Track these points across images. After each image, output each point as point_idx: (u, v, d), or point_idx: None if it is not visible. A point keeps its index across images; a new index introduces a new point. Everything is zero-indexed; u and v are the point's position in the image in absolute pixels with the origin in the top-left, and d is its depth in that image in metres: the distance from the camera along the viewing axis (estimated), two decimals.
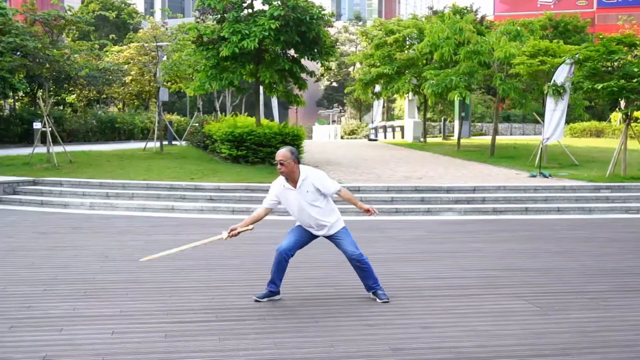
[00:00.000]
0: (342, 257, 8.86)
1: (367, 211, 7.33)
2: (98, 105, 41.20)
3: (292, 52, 21.30)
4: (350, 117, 70.82)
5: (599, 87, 17.68)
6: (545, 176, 18.32)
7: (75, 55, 24.55)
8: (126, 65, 36.50)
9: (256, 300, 7.27)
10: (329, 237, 7.38)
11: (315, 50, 20.75)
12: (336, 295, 7.64)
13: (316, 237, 7.40)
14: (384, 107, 47.96)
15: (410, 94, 35.17)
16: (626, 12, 52.15)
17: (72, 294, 7.58)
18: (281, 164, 7.11)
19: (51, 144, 19.99)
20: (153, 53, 30.22)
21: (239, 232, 7.30)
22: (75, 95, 38.59)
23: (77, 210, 14.94)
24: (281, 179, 7.26)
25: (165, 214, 14.43)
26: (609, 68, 18.66)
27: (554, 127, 20.79)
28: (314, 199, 7.16)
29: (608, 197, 16.06)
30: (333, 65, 61.25)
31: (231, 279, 8.39)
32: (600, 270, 9.15)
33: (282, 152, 7.18)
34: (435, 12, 48.10)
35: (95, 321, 6.54)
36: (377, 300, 7.37)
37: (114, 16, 28.07)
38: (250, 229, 7.42)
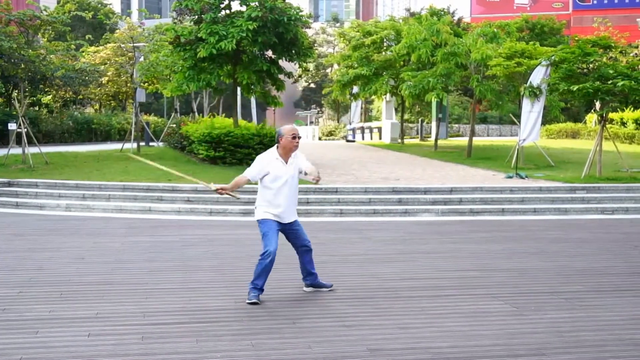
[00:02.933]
0: (319, 258, 8.88)
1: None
2: (74, 106, 40.89)
3: (269, 53, 21.29)
4: (328, 118, 70.88)
5: (575, 89, 17.82)
6: (521, 177, 18.44)
7: (51, 56, 24.32)
8: (103, 66, 36.26)
9: (254, 303, 7.23)
10: (289, 227, 7.53)
11: (293, 51, 20.76)
12: (313, 297, 7.65)
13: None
14: (361, 108, 48.04)
15: (388, 95, 35.29)
16: (601, 14, 52.60)
17: (48, 296, 7.52)
18: (299, 137, 7.45)
19: (26, 145, 19.81)
20: (130, 54, 30.06)
21: (226, 192, 7.51)
22: (51, 96, 38.28)
23: (53, 212, 14.82)
24: (274, 152, 7.43)
25: (143, 216, 14.36)
26: (585, 70, 18.81)
27: (530, 128, 20.94)
28: (296, 178, 7.53)
29: (583, 198, 16.20)
30: (311, 66, 61.24)
31: (208, 281, 8.37)
32: (576, 270, 9.23)
33: (297, 128, 7.59)
34: (412, 14, 48.32)
35: (71, 323, 6.50)
36: (324, 289, 7.77)
37: (90, 16, 27.88)
38: (237, 198, 7.90)
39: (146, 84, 28.89)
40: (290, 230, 7.56)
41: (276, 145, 7.46)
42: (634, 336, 6.28)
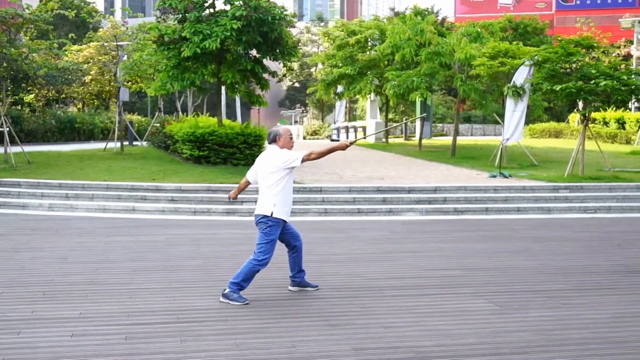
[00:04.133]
0: (304, 257, 8.88)
1: None
2: (57, 105, 40.61)
3: (254, 52, 21.23)
4: (313, 117, 70.82)
5: (558, 89, 17.90)
6: (505, 176, 18.52)
7: (34, 54, 24.15)
8: (86, 65, 36.02)
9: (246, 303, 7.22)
10: (286, 227, 7.53)
11: (278, 50, 20.71)
12: (298, 296, 7.65)
13: None
14: (346, 107, 48.04)
15: (372, 94, 35.31)
16: (584, 14, 52.90)
17: (31, 296, 7.48)
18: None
19: (9, 144, 19.67)
20: (113, 52, 29.84)
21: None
22: (33, 94, 37.99)
23: (36, 212, 14.72)
24: (277, 149, 7.53)
25: (126, 215, 14.30)
26: (568, 70, 18.90)
27: (514, 127, 21.02)
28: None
29: (566, 197, 16.29)
30: (295, 65, 61.20)
31: (191, 280, 8.34)
32: (559, 269, 9.29)
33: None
34: (396, 14, 48.40)
35: (54, 324, 6.46)
36: (309, 288, 7.84)
37: (73, 15, 27.61)
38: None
39: (130, 83, 28.71)
40: (285, 230, 7.54)
41: (273, 145, 7.52)
42: (617, 334, 6.32)
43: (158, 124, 28.80)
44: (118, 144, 24.54)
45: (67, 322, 6.53)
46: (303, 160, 7.29)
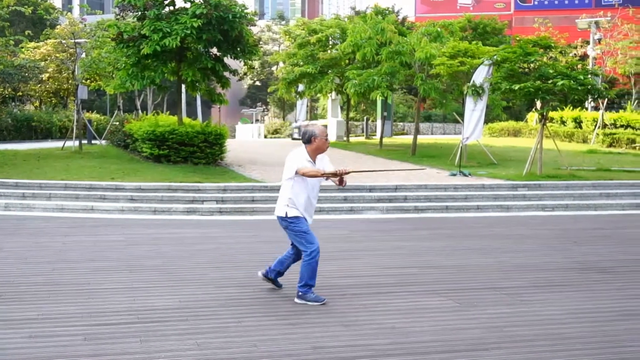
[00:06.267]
0: (266, 256, 8.92)
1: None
2: (13, 103, 40.00)
3: (214, 50, 21.14)
4: (274, 116, 70.75)
5: (516, 88, 18.13)
6: (465, 175, 18.71)
7: None
8: (43, 62, 35.56)
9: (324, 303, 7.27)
10: None
11: (238, 48, 20.65)
12: (259, 295, 7.66)
13: None
14: (307, 106, 48.07)
15: (334, 93, 35.36)
16: (542, 15, 53.51)
17: None
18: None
19: None
20: (71, 50, 29.53)
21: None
22: None
23: None
24: (304, 152, 7.33)
25: (85, 215, 14.15)
26: (526, 69, 19.15)
27: (473, 126, 21.22)
28: (320, 180, 7.47)
29: (525, 195, 16.52)
30: (256, 64, 61.10)
31: (152, 280, 8.30)
32: (517, 266, 9.43)
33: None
34: (357, 13, 48.57)
35: (12, 325, 6.39)
36: (275, 287, 7.93)
37: (30, 12, 27.19)
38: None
39: (88, 80, 28.39)
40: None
41: (304, 146, 7.36)
42: (570, 330, 6.45)
43: (117, 123, 28.50)
44: (76, 143, 24.25)
45: (25, 323, 6.45)
46: (296, 173, 7.23)
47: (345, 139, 35.12)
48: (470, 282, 8.39)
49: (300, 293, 7.28)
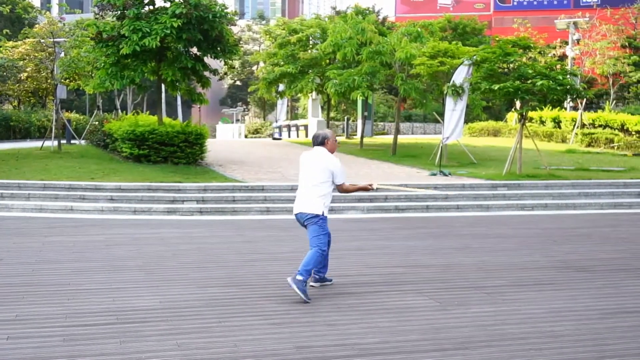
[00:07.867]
0: (248, 256, 8.88)
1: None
2: None
3: (194, 50, 21.05)
4: (254, 116, 70.67)
5: (496, 88, 18.21)
6: (445, 175, 18.76)
7: None
8: (21, 62, 35.24)
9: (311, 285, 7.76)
10: None
11: (218, 48, 20.58)
12: (241, 295, 7.62)
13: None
14: (288, 106, 48.06)
15: (314, 93, 35.38)
16: (521, 15, 53.87)
17: None
18: None
19: None
20: (50, 49, 29.26)
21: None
22: None
23: None
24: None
25: (64, 215, 14.02)
26: (505, 69, 19.25)
27: (454, 126, 21.30)
28: None
29: (505, 195, 16.59)
30: (236, 63, 61.01)
31: (132, 280, 8.23)
32: (498, 265, 9.45)
33: None
34: (338, 13, 48.56)
35: None
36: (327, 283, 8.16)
37: (8, 10, 27.01)
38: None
39: (67, 80, 28.17)
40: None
41: (322, 147, 7.80)
42: (554, 328, 6.46)
43: (97, 122, 28.31)
44: (55, 143, 24.05)
45: (2, 324, 6.36)
46: (338, 186, 7.95)
47: None
48: (454, 281, 8.38)
49: (299, 275, 7.28)
